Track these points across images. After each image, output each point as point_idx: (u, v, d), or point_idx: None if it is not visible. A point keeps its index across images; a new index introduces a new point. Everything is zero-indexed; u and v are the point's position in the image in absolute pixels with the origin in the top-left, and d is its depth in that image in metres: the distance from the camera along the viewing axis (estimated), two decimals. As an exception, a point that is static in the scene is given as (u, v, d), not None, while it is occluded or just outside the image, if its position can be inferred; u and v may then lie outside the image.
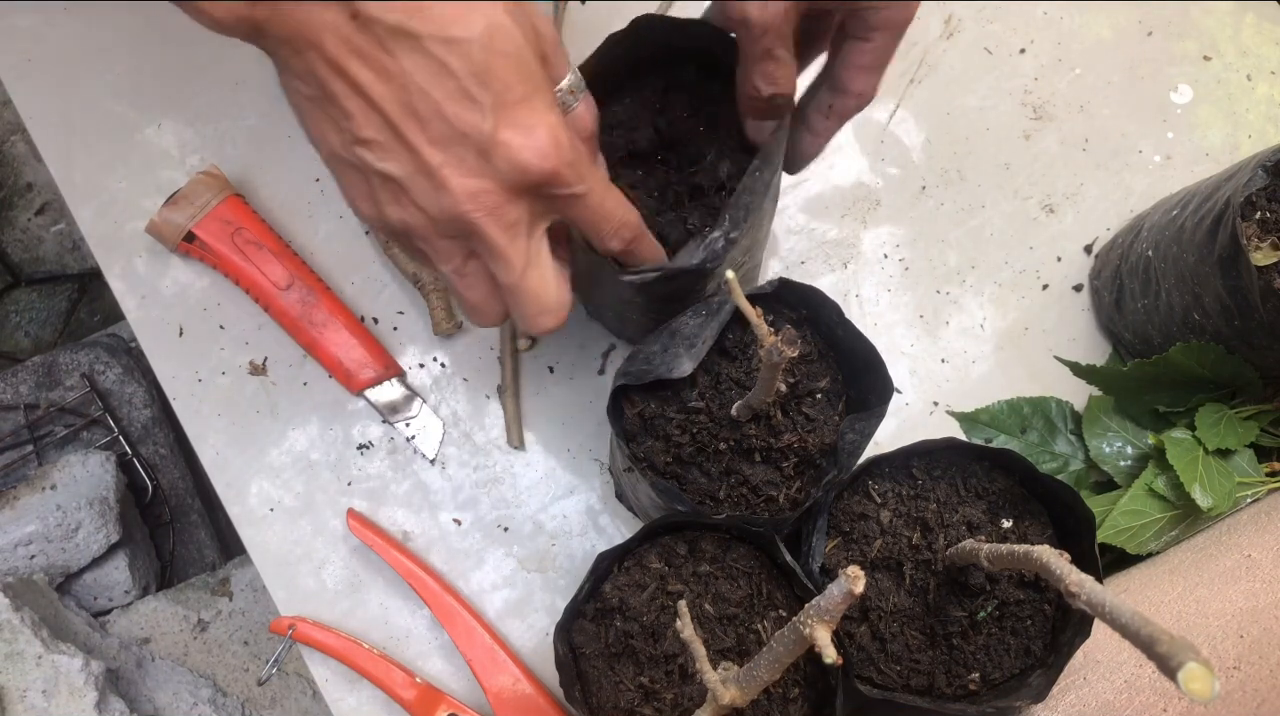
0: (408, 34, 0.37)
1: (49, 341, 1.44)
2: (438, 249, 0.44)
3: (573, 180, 0.42)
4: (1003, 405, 0.68)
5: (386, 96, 0.38)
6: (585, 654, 0.51)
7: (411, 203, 0.41)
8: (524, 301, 0.45)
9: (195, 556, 1.23)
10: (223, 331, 0.68)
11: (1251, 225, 0.56)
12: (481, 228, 0.41)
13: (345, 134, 0.40)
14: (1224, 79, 0.76)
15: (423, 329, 0.69)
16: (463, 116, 0.39)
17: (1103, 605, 0.33)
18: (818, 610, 0.35)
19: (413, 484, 0.67)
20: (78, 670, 0.92)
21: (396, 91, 0.38)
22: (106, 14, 0.72)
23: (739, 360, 0.53)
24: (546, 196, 0.42)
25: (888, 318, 0.71)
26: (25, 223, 1.43)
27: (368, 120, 0.39)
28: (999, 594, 0.51)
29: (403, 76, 0.38)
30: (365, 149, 0.40)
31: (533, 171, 0.40)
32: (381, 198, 0.42)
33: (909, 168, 0.73)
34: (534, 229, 0.44)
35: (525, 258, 0.43)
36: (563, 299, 0.46)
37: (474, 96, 0.39)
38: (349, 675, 0.64)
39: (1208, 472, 0.59)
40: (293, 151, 0.71)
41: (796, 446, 0.52)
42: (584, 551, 0.66)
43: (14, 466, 1.16)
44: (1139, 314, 0.65)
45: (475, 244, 0.43)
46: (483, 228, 0.41)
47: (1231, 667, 0.53)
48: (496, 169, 0.40)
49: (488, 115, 0.39)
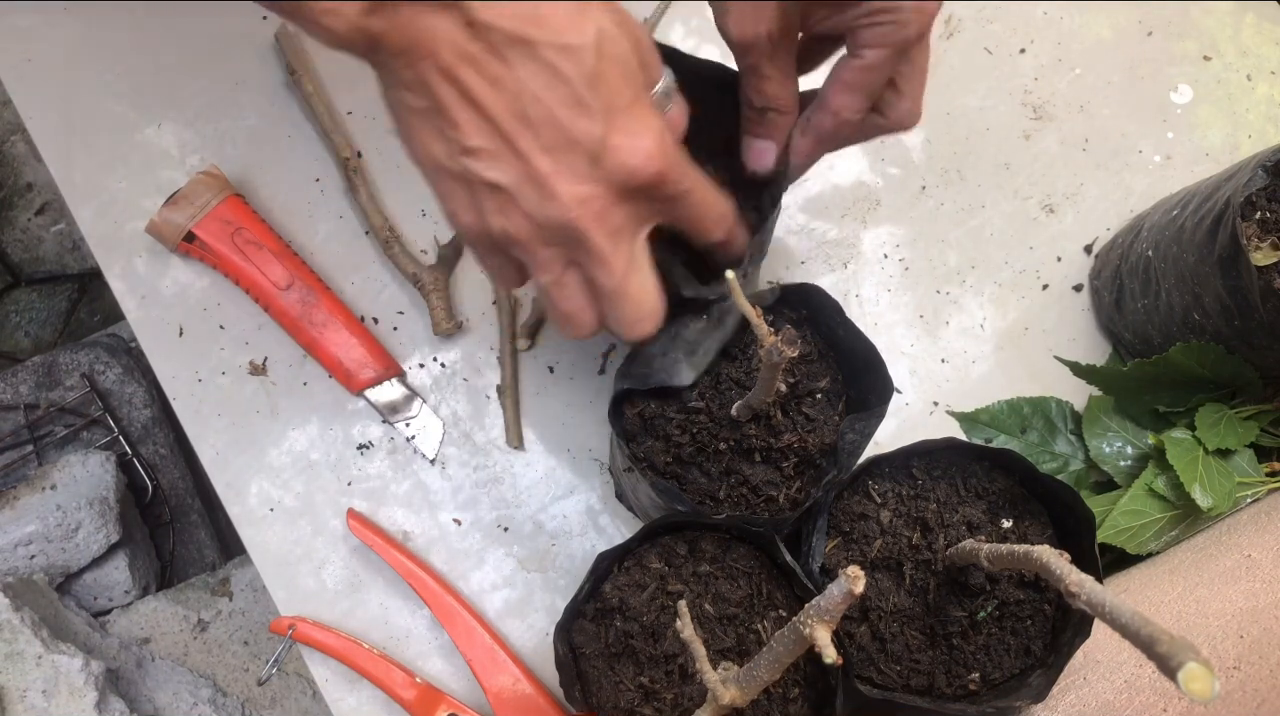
0: (523, 41, 0.38)
1: (49, 341, 1.44)
2: (539, 259, 0.44)
3: (679, 179, 0.43)
4: (1003, 405, 0.68)
5: (498, 104, 0.39)
6: (585, 654, 0.51)
7: (517, 210, 0.41)
8: (625, 307, 0.45)
9: (195, 556, 1.23)
10: (223, 331, 0.68)
11: (1251, 225, 0.56)
12: (587, 233, 0.41)
13: (452, 144, 0.40)
14: (1224, 79, 0.76)
15: (423, 329, 0.69)
16: (576, 123, 0.39)
17: (1103, 605, 0.33)
18: (818, 610, 0.35)
19: (413, 484, 0.67)
20: (78, 670, 0.92)
21: (509, 99, 0.39)
22: (106, 14, 0.72)
23: (739, 360, 0.53)
24: (652, 198, 0.43)
25: (888, 318, 0.71)
26: (25, 223, 1.43)
27: (477, 129, 0.39)
28: (999, 594, 0.51)
29: (516, 84, 0.38)
30: (472, 158, 0.40)
31: (642, 174, 0.41)
32: (486, 207, 0.42)
33: (909, 168, 0.73)
34: (637, 234, 0.44)
35: (628, 263, 0.44)
36: (660, 305, 0.46)
37: (586, 103, 0.39)
38: (349, 675, 0.64)
39: (1208, 472, 0.59)
40: (293, 151, 0.71)
41: (796, 446, 0.52)
42: (584, 551, 0.66)
43: (14, 466, 1.16)
44: (1139, 314, 0.65)
45: (577, 251, 0.43)
46: (589, 233, 0.41)
47: (1231, 667, 0.53)
48: (606, 174, 0.41)
49: (599, 121, 0.39)
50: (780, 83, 0.48)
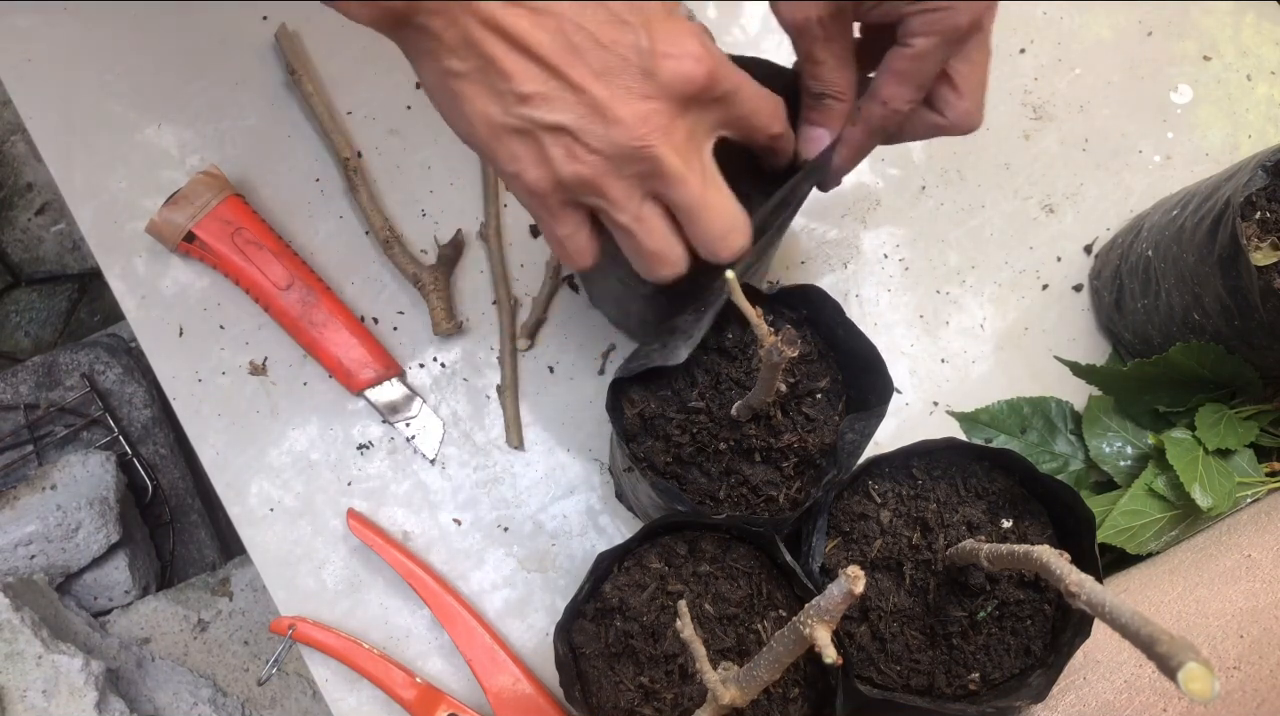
0: None
1: (49, 341, 1.44)
2: (614, 196, 0.43)
3: (728, 75, 0.43)
4: (1003, 405, 0.68)
5: (544, 41, 0.39)
6: (585, 654, 0.51)
7: (585, 147, 0.42)
8: (709, 220, 0.45)
9: (195, 556, 1.23)
10: (223, 331, 0.68)
11: (1251, 225, 0.56)
12: (658, 152, 0.42)
13: (506, 97, 0.41)
14: (1224, 79, 0.76)
15: (423, 329, 0.69)
16: (621, 40, 0.40)
17: (1103, 605, 0.33)
18: (818, 610, 0.35)
19: (413, 484, 0.67)
20: (78, 670, 0.92)
21: (553, 33, 0.39)
22: (106, 14, 0.72)
23: (739, 360, 0.53)
24: (707, 102, 0.43)
25: (888, 318, 0.71)
26: (25, 223, 1.43)
27: (529, 74, 0.40)
28: (999, 594, 0.51)
29: (556, 15, 0.39)
30: (529, 106, 0.41)
31: (696, 78, 0.41)
32: (554, 154, 0.42)
33: (909, 168, 0.73)
34: (703, 145, 0.44)
35: (702, 176, 0.44)
36: (743, 215, 0.46)
37: (625, 18, 0.40)
38: (349, 675, 0.64)
39: (1208, 472, 0.59)
40: (293, 151, 0.71)
41: (796, 446, 0.52)
42: (584, 551, 0.66)
43: (14, 466, 1.16)
44: (1139, 314, 0.65)
45: (652, 178, 0.43)
46: (659, 152, 0.42)
47: (1231, 667, 0.53)
48: (662, 85, 0.41)
49: (642, 34, 0.40)
50: (835, 69, 0.48)
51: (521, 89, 0.40)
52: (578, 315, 0.70)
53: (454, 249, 0.69)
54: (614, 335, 0.69)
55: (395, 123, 0.72)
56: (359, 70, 0.72)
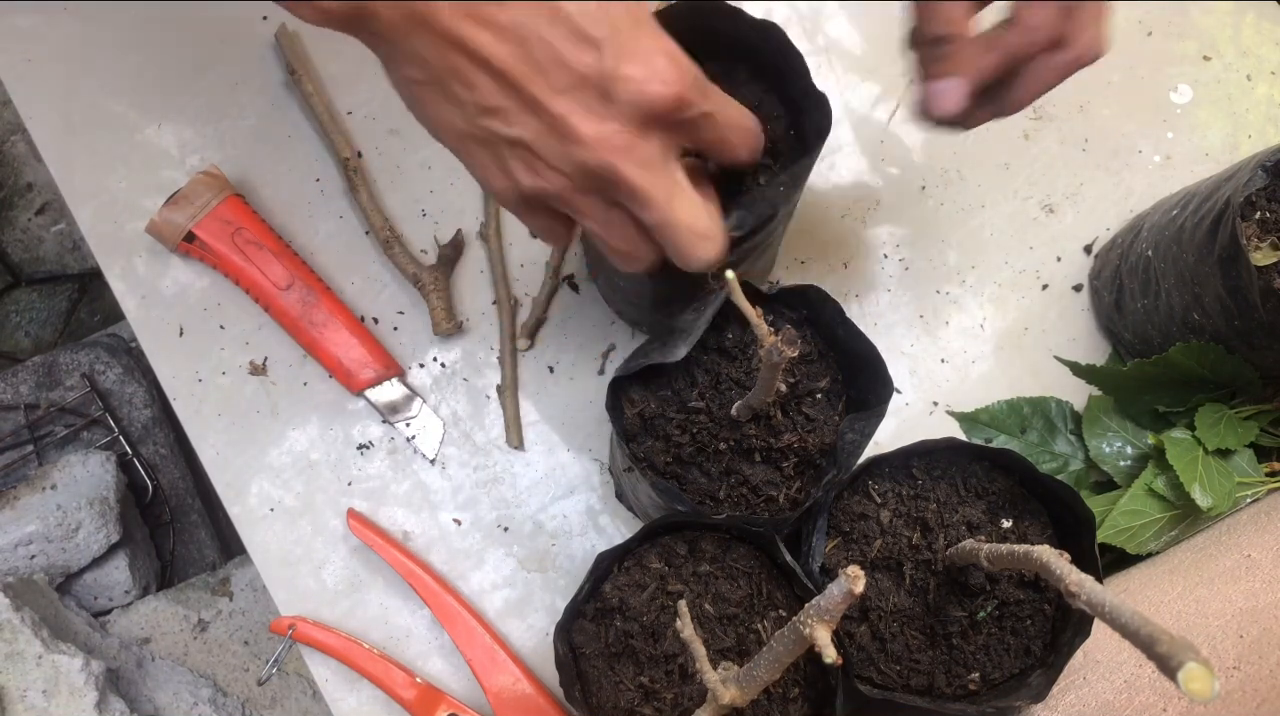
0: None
1: (49, 341, 1.44)
2: (579, 207, 0.43)
3: (698, 100, 0.41)
4: (1002, 405, 0.68)
5: (506, 55, 0.38)
6: (585, 654, 0.51)
7: (545, 164, 0.41)
8: (677, 234, 0.43)
9: (195, 556, 1.23)
10: (223, 331, 0.68)
11: (1251, 225, 0.56)
12: (618, 170, 0.40)
13: (469, 108, 0.40)
14: (1224, 79, 0.76)
15: (423, 329, 0.69)
16: (581, 58, 0.38)
17: (1103, 605, 0.33)
18: (818, 610, 0.35)
19: (413, 484, 0.67)
20: (78, 670, 0.92)
21: (514, 47, 0.38)
22: (106, 14, 0.72)
23: (739, 360, 0.53)
24: (675, 123, 0.41)
25: (888, 318, 0.71)
26: (25, 223, 1.43)
27: (489, 88, 0.39)
28: (999, 594, 0.51)
29: (518, 28, 0.38)
30: (492, 118, 0.40)
31: (660, 100, 0.39)
32: (514, 167, 0.41)
33: (909, 168, 0.73)
34: (669, 160, 0.42)
35: (667, 191, 0.42)
36: (716, 224, 0.44)
37: (588, 34, 0.38)
38: (349, 675, 0.64)
39: (1208, 472, 0.59)
40: (293, 151, 0.71)
41: (796, 446, 0.52)
42: (584, 551, 0.66)
43: (14, 466, 1.16)
44: (1139, 314, 0.65)
45: (615, 192, 0.42)
46: (619, 170, 0.40)
47: (1231, 667, 0.53)
48: (623, 107, 0.39)
49: (605, 52, 0.38)
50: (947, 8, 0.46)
51: (485, 102, 0.39)
52: (578, 315, 0.70)
53: (454, 249, 0.69)
54: (614, 335, 0.69)
55: (395, 123, 0.72)
56: (359, 70, 0.72)
